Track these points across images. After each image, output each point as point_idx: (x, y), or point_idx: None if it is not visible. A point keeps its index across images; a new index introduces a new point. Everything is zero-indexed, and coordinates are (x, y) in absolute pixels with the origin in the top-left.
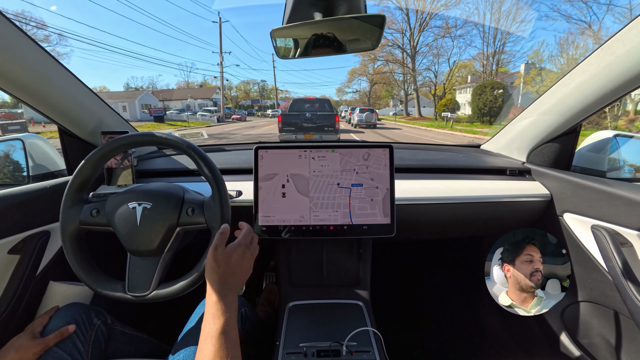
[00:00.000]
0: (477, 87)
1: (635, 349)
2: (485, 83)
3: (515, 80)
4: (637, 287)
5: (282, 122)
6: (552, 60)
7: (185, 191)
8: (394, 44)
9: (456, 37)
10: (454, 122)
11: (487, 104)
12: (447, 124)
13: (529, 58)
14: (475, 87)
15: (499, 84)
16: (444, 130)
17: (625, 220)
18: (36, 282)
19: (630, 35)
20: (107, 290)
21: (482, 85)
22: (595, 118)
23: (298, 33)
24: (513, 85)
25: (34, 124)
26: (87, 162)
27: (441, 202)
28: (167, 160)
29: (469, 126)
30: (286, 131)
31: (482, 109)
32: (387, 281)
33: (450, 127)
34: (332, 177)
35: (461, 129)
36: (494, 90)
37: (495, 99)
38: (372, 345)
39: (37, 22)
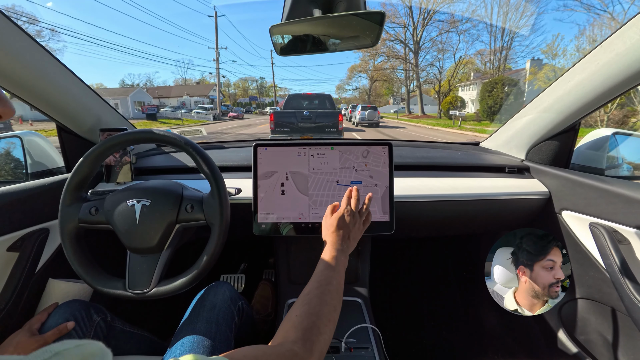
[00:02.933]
0: (487, 84)
1: (632, 346)
2: (495, 79)
3: (527, 76)
4: (634, 284)
5: (274, 122)
6: (565, 56)
7: (184, 188)
8: (396, 38)
9: (462, 32)
10: (462, 120)
11: (497, 102)
12: (454, 123)
13: (543, 53)
14: (485, 83)
15: (510, 80)
16: (452, 129)
17: (623, 217)
18: (35, 280)
19: (629, 32)
20: (107, 287)
21: (493, 82)
22: (588, 120)
23: (297, 30)
24: (524, 82)
25: (22, 122)
26: (86, 160)
27: (440, 199)
28: (166, 158)
29: (478, 125)
30: (279, 132)
31: (493, 106)
32: (386, 278)
33: (458, 126)
34: (331, 174)
35: (471, 128)
36: (505, 87)
37: (507, 96)
38: (371, 342)
39: (29, 17)
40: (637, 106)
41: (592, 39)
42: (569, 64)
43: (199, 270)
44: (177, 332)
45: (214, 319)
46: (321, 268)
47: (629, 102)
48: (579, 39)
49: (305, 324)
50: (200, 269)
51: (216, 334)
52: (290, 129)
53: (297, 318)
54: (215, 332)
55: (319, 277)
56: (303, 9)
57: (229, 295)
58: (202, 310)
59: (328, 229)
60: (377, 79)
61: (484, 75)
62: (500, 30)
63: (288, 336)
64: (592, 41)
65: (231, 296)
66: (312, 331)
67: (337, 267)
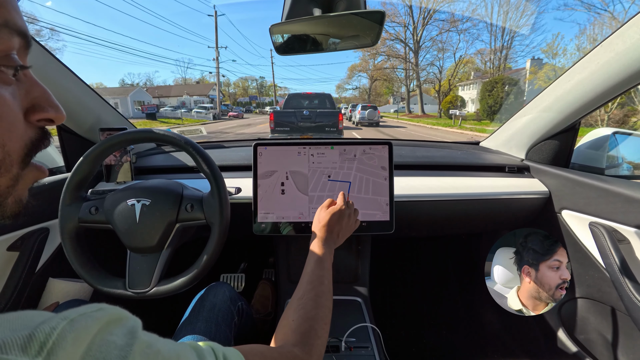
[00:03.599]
0: (487, 83)
1: (632, 345)
2: (496, 79)
3: (527, 75)
4: (634, 283)
5: (274, 122)
6: (565, 55)
7: (184, 187)
8: (397, 38)
9: (462, 31)
10: (463, 120)
11: (498, 101)
12: (455, 122)
13: (543, 52)
14: (485, 82)
15: (510, 79)
16: (452, 128)
17: (623, 217)
18: (35, 279)
19: (630, 32)
20: (107, 287)
21: (493, 81)
22: (588, 119)
23: (297, 29)
24: (525, 81)
25: None
26: (86, 159)
27: (440, 199)
28: (165, 157)
29: (478, 124)
30: (279, 132)
31: (493, 106)
32: (386, 278)
33: (458, 125)
34: (331, 174)
35: (471, 128)
36: (506, 87)
37: (507, 95)
38: (371, 341)
39: (28, 16)
40: (637, 105)
41: (592, 38)
42: (569, 63)
43: (198, 269)
44: (176, 332)
45: (213, 319)
46: (312, 266)
47: (629, 101)
48: (579, 38)
49: (303, 328)
50: (200, 269)
51: (216, 334)
52: (290, 129)
53: (294, 322)
54: (214, 332)
55: (311, 277)
56: (303, 8)
57: (229, 296)
58: (201, 311)
59: (320, 222)
60: (377, 78)
61: (484, 75)
62: (500, 30)
63: (287, 339)
64: (592, 40)
65: (231, 296)
66: (310, 335)
67: (326, 265)
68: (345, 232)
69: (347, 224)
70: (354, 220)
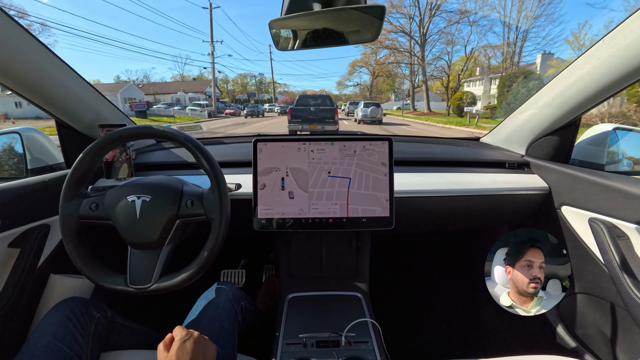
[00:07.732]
0: (506, 77)
1: (630, 340)
2: (516, 72)
3: (548, 69)
4: (633, 279)
5: (291, 115)
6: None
7: (184, 183)
8: (401, 30)
9: (473, 23)
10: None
11: (517, 97)
12: (470, 121)
13: (567, 42)
14: (504, 76)
15: (532, 73)
16: (467, 128)
17: (622, 213)
18: (37, 275)
19: (632, 27)
20: (108, 283)
21: (513, 75)
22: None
23: (297, 24)
24: (546, 75)
25: (4, 119)
26: (85, 155)
27: (440, 195)
28: (165, 153)
29: (493, 122)
30: (294, 122)
31: (512, 102)
32: (386, 273)
33: (475, 124)
34: (331, 170)
35: (490, 127)
36: (529, 82)
37: (529, 91)
38: (371, 336)
39: (18, 10)
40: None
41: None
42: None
43: (199, 265)
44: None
45: (217, 318)
46: None
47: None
48: (608, 28)
49: None
50: (200, 265)
51: (220, 331)
52: (302, 120)
53: None
54: (218, 329)
55: None
56: (303, 2)
57: (232, 296)
58: (206, 310)
59: None
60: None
61: (495, 69)
62: (515, 20)
63: None
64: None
65: (234, 296)
66: None
67: None
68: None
69: (196, 351)
70: (203, 343)
